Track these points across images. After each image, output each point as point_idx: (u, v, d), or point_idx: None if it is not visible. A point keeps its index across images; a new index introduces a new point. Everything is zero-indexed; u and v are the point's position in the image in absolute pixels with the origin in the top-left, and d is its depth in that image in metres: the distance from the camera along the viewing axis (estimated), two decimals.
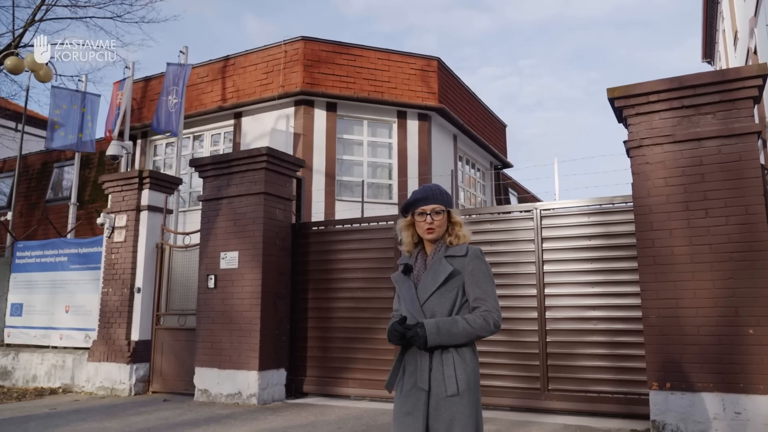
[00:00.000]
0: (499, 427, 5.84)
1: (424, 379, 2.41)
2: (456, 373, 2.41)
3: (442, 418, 2.38)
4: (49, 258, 9.99)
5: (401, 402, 2.49)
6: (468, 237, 2.59)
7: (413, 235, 2.62)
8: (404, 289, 2.56)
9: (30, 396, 8.50)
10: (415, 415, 2.42)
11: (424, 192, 2.57)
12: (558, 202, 6.90)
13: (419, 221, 2.56)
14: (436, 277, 2.48)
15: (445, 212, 2.56)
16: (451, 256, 2.53)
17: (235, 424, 6.14)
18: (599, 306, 6.42)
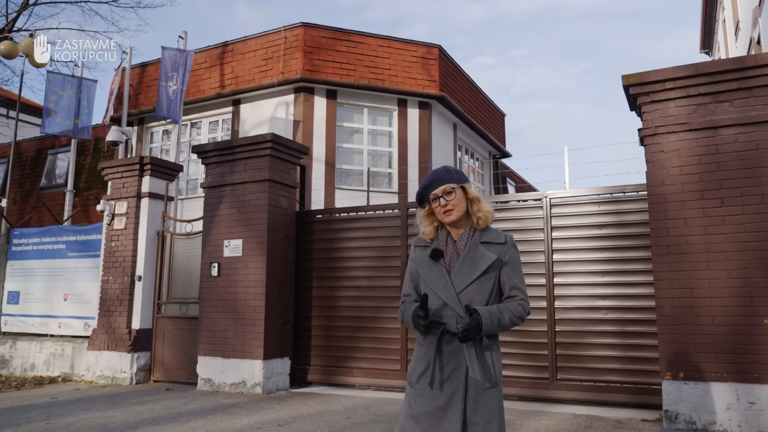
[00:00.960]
0: (509, 417, 5.78)
1: (476, 370, 2.28)
2: (494, 364, 2.36)
3: (481, 411, 2.31)
4: (46, 245, 9.84)
5: (431, 395, 2.33)
6: (492, 214, 2.47)
7: (434, 222, 2.50)
8: (434, 275, 2.40)
9: (29, 385, 8.38)
10: (453, 409, 2.30)
11: (431, 177, 2.48)
12: (568, 190, 6.83)
13: (435, 207, 2.45)
14: (475, 266, 2.37)
15: (458, 189, 2.44)
16: (488, 243, 2.43)
17: (242, 414, 6.07)
18: (609, 295, 6.37)
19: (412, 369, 2.43)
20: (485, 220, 2.45)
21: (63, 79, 12.30)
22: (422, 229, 2.51)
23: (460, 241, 2.45)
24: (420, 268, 2.46)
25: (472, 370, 2.28)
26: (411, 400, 2.39)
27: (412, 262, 2.52)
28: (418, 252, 2.50)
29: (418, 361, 2.40)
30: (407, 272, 2.56)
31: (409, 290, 2.53)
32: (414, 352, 2.47)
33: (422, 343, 2.41)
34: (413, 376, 2.41)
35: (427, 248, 2.47)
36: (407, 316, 2.42)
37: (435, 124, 13.89)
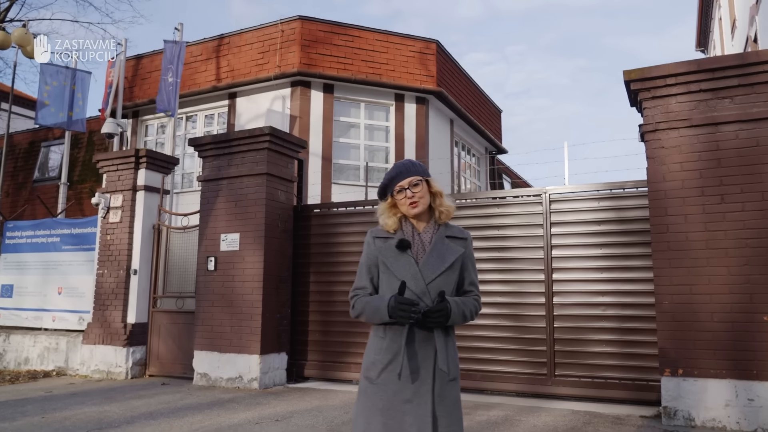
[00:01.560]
0: (507, 413, 5.78)
1: (444, 360, 2.28)
2: (455, 356, 2.40)
3: (446, 403, 2.30)
4: (40, 238, 9.75)
5: (395, 389, 2.27)
6: (454, 209, 2.48)
7: (396, 215, 2.47)
8: (402, 265, 2.35)
9: (23, 379, 8.31)
10: (419, 402, 2.25)
11: (396, 168, 2.46)
12: (567, 186, 6.81)
13: (400, 199, 2.42)
14: (444, 258, 2.38)
15: (424, 182, 2.43)
16: (452, 237, 2.45)
17: (239, 409, 6.03)
18: (608, 292, 6.36)
19: (371, 363, 2.36)
20: (447, 215, 2.46)
21: (57, 70, 12.16)
22: (385, 221, 2.46)
23: (425, 233, 2.45)
24: (385, 259, 2.40)
25: (441, 361, 2.28)
26: (371, 395, 2.32)
27: (373, 252, 2.44)
28: (378, 243, 2.44)
29: (379, 354, 2.34)
30: (362, 263, 2.48)
31: (365, 283, 2.46)
32: (371, 345, 2.40)
33: (383, 336, 2.35)
34: (373, 370, 2.34)
35: (390, 239, 2.42)
36: (377, 308, 2.32)
37: (432, 119, 13.85)
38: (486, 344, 6.79)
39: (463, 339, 6.88)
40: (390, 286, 2.36)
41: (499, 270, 6.87)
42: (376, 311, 2.32)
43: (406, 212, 2.43)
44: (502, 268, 6.86)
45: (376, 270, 2.44)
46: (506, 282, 6.82)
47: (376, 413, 2.28)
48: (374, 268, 2.44)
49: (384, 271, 2.40)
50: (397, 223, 2.44)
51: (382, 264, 2.40)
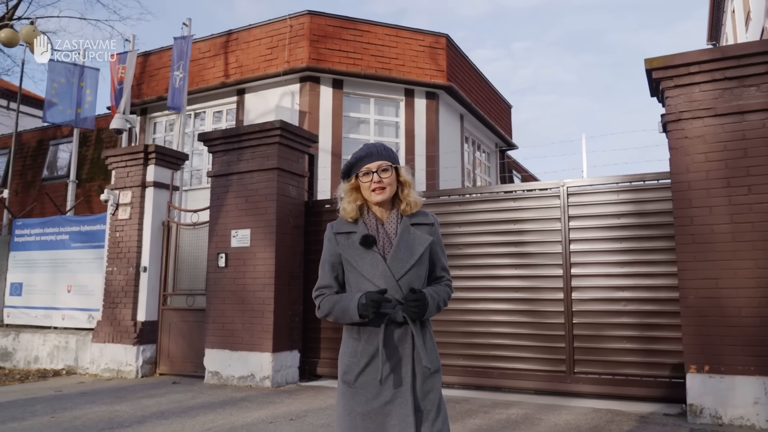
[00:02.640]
0: (527, 411, 5.63)
1: (425, 357, 2.17)
2: (434, 347, 2.28)
3: (430, 398, 2.20)
4: (49, 236, 9.67)
5: (375, 391, 2.16)
6: (420, 203, 2.33)
7: (357, 200, 2.30)
8: (368, 263, 2.21)
9: (33, 378, 8.24)
10: (401, 402, 2.15)
11: (367, 149, 2.29)
12: (585, 179, 6.66)
13: (364, 182, 2.25)
14: (412, 250, 2.24)
15: (393, 169, 2.27)
16: (418, 224, 2.31)
17: (252, 408, 5.91)
18: (628, 287, 6.20)
19: (348, 366, 2.24)
20: (412, 208, 2.31)
21: (64, 67, 12.08)
22: (344, 207, 2.30)
23: (389, 224, 2.29)
24: (349, 257, 2.24)
25: (424, 358, 2.17)
26: (350, 399, 2.21)
27: (335, 249, 2.29)
28: (341, 239, 2.28)
29: (355, 357, 2.22)
30: (325, 261, 2.32)
31: (329, 281, 2.30)
32: (345, 347, 2.28)
33: (357, 337, 2.23)
34: (350, 373, 2.22)
35: (352, 234, 2.27)
36: (345, 307, 2.18)
37: (442, 114, 13.68)
38: (503, 341, 6.64)
39: (480, 336, 6.75)
40: (358, 285, 2.23)
41: (515, 265, 6.72)
42: (345, 311, 2.19)
43: (368, 197, 2.27)
44: (518, 263, 6.71)
45: (340, 267, 2.30)
46: (523, 277, 6.67)
47: (356, 417, 2.18)
48: (338, 265, 2.29)
49: (350, 269, 2.26)
50: (356, 211, 2.29)
51: (347, 262, 2.26)
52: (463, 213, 7.09)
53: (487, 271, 6.84)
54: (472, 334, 6.79)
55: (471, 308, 6.79)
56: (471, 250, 6.94)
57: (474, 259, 6.91)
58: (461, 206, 7.14)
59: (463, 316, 6.81)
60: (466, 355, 6.77)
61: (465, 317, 6.79)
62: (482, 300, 6.79)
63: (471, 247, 6.95)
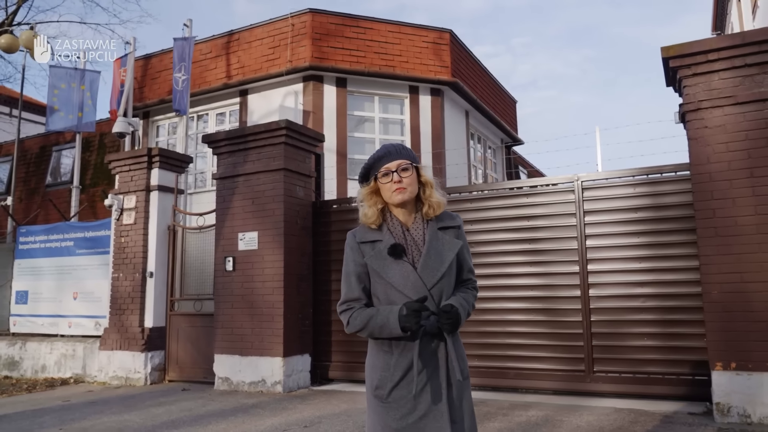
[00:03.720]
0: (547, 413, 5.48)
1: (458, 369, 2.09)
2: (464, 354, 2.22)
3: (465, 407, 2.14)
4: (54, 243, 9.55)
5: (409, 406, 2.06)
6: (444, 203, 2.21)
7: (377, 203, 2.18)
8: (398, 273, 2.09)
9: (41, 387, 8.11)
10: (436, 416, 2.06)
11: (385, 149, 2.19)
12: (600, 172, 6.49)
13: (384, 182, 2.14)
14: (442, 257, 2.14)
15: (413, 169, 2.16)
16: (445, 227, 2.20)
17: (264, 415, 5.77)
18: (648, 282, 6.03)
19: (380, 381, 2.12)
20: (435, 211, 2.19)
21: (65, 72, 11.98)
22: (365, 212, 2.18)
23: (415, 230, 2.18)
24: (377, 267, 2.12)
25: (456, 372, 2.09)
26: (384, 415, 2.10)
27: (360, 260, 2.16)
28: (366, 249, 2.16)
29: (387, 371, 2.11)
30: (349, 272, 2.19)
31: (358, 293, 2.17)
32: (375, 361, 2.16)
33: (389, 350, 2.12)
34: (383, 388, 2.11)
35: (378, 242, 2.15)
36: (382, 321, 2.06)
37: (447, 111, 13.51)
38: (519, 340, 6.48)
39: (495, 336, 6.59)
40: (387, 297, 2.12)
41: (530, 262, 6.56)
42: (384, 326, 2.06)
43: (388, 199, 2.15)
44: (533, 260, 6.55)
45: (366, 278, 2.18)
46: (538, 275, 6.51)
47: None
48: (365, 276, 2.17)
49: (378, 280, 2.14)
50: (378, 216, 2.17)
51: (374, 273, 2.14)
52: (474, 210, 6.93)
53: (501, 269, 6.68)
54: (487, 334, 6.63)
55: (485, 307, 6.63)
56: (484, 248, 6.78)
57: (487, 258, 6.75)
58: (472, 203, 6.98)
59: (478, 316, 6.64)
60: (481, 356, 6.61)
61: (479, 317, 6.63)
62: (497, 299, 6.63)
63: (484, 245, 6.79)
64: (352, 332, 2.18)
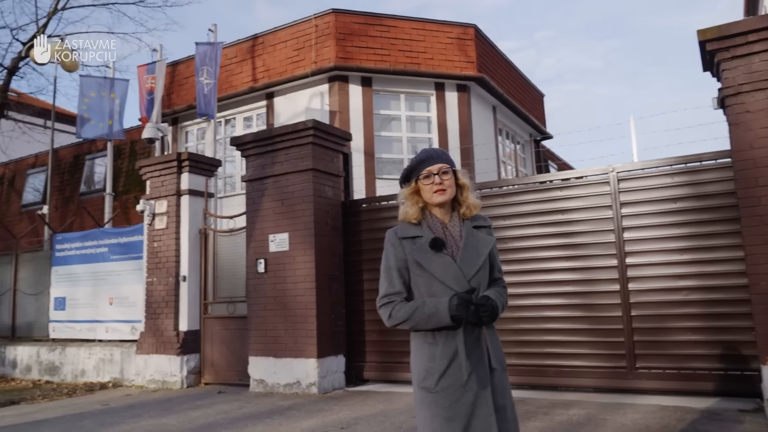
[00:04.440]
0: (589, 411, 5.33)
1: (496, 359, 2.24)
2: (501, 346, 2.34)
3: (506, 395, 2.26)
4: (89, 249, 9.70)
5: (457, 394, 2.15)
6: (479, 204, 2.37)
7: (418, 202, 2.33)
8: (439, 266, 2.22)
9: (80, 391, 8.24)
10: (482, 403, 2.16)
11: (426, 153, 2.36)
12: (636, 163, 6.30)
13: (426, 184, 2.30)
14: (479, 251, 2.30)
15: (452, 172, 2.34)
16: (479, 227, 2.37)
17: (300, 417, 5.73)
18: (690, 275, 5.82)
19: (427, 371, 2.20)
20: (471, 211, 2.36)
21: (95, 81, 12.20)
22: (407, 210, 2.33)
23: (453, 227, 2.34)
24: (420, 260, 2.24)
25: (495, 359, 2.22)
26: (433, 405, 2.18)
27: (401, 255, 2.28)
28: (407, 244, 2.28)
29: (433, 361, 2.20)
30: (390, 267, 2.30)
31: (399, 287, 2.28)
32: (420, 353, 2.25)
33: (433, 341, 2.21)
34: (430, 378, 2.19)
35: (419, 238, 2.28)
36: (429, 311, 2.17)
37: (474, 107, 13.36)
38: (557, 337, 6.33)
39: (532, 333, 6.46)
40: (430, 289, 2.24)
41: (566, 257, 6.40)
42: (432, 316, 2.17)
43: (429, 199, 2.31)
44: (569, 254, 6.39)
45: (407, 273, 2.30)
46: (575, 270, 6.35)
47: (442, 423, 2.16)
48: (405, 270, 2.30)
49: (420, 273, 2.26)
50: (419, 213, 2.32)
51: (416, 265, 2.26)
52: (506, 205, 6.80)
53: (536, 264, 6.54)
54: (523, 332, 6.49)
55: (521, 304, 6.50)
56: (517, 244, 6.64)
57: (521, 253, 6.61)
58: (504, 198, 6.85)
59: (513, 313, 6.52)
60: (518, 354, 6.47)
61: (515, 314, 6.50)
62: (532, 295, 6.49)
63: (517, 240, 6.66)
64: (394, 325, 2.27)
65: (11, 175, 18.77)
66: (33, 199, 17.56)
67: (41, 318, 10.34)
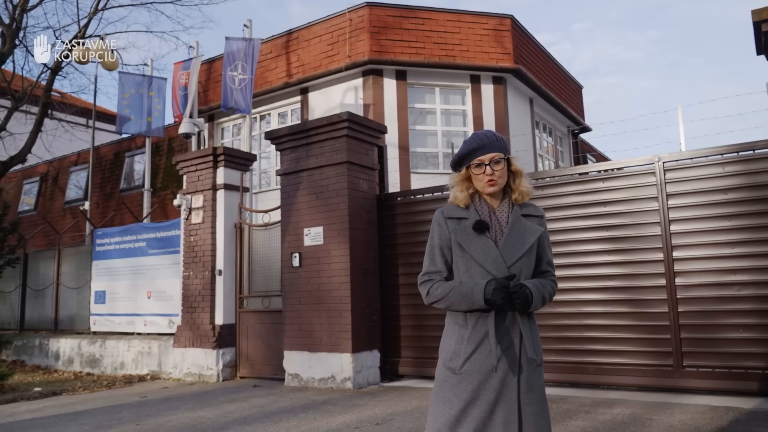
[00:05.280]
0: (634, 410, 5.11)
1: (531, 347, 2.16)
2: (539, 340, 2.26)
3: (535, 390, 2.16)
4: (128, 244, 9.85)
5: (481, 378, 2.12)
6: (532, 191, 2.33)
7: (468, 188, 2.30)
8: (480, 248, 2.19)
9: (119, 384, 8.35)
10: (506, 392, 2.11)
11: (479, 140, 2.27)
12: (684, 152, 6.03)
13: (477, 173, 2.25)
14: (523, 239, 2.23)
15: (505, 160, 2.26)
16: (529, 215, 2.30)
17: (335, 411, 5.67)
18: (742, 269, 5.54)
19: (454, 352, 2.19)
20: (523, 198, 2.30)
21: (133, 78, 12.38)
22: (456, 195, 2.30)
23: (500, 212, 2.28)
24: (462, 241, 2.22)
25: (528, 348, 2.15)
26: (455, 386, 2.15)
27: (445, 234, 2.27)
28: (452, 224, 2.26)
29: (461, 343, 2.18)
30: (434, 245, 2.30)
31: (440, 266, 2.28)
32: (450, 333, 2.24)
33: (464, 323, 2.20)
34: (456, 360, 2.17)
35: (464, 219, 2.25)
36: (465, 291, 2.14)
37: (510, 99, 13.10)
38: (599, 333, 6.12)
39: (573, 329, 6.25)
40: (468, 270, 2.21)
41: (609, 251, 6.18)
42: (466, 296, 2.14)
43: (480, 188, 2.27)
44: (612, 248, 6.16)
45: (449, 252, 2.28)
46: (618, 264, 6.12)
47: (461, 405, 2.12)
48: (447, 250, 2.28)
49: (460, 254, 2.24)
50: (468, 198, 2.29)
51: (457, 246, 2.24)
52: (546, 198, 6.60)
53: (578, 258, 6.33)
54: (564, 327, 6.30)
55: (562, 299, 6.30)
56: (559, 237, 6.44)
57: (563, 246, 6.41)
58: (544, 190, 6.65)
59: (554, 308, 6.33)
60: (558, 350, 6.28)
61: (556, 309, 6.31)
62: (574, 290, 6.29)
63: (558, 233, 6.45)
64: (431, 302, 2.26)
65: (55, 173, 19.27)
66: (75, 196, 17.99)
67: (82, 311, 10.55)
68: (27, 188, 19.99)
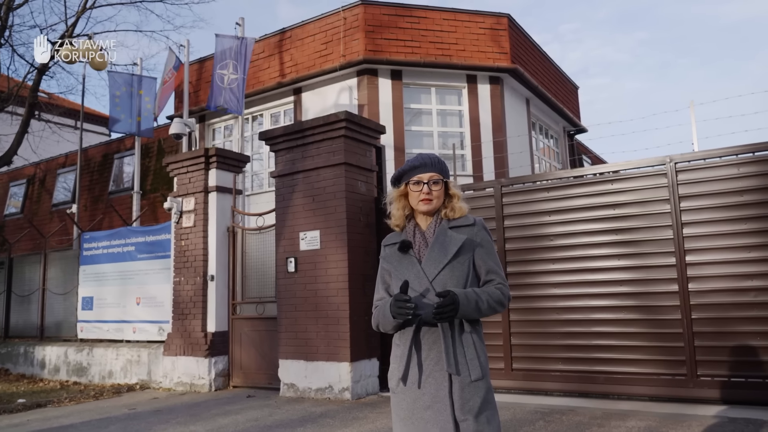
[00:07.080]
0: (649, 423, 4.87)
1: (452, 363, 2.10)
2: (478, 354, 2.17)
3: (470, 406, 2.10)
4: (116, 248, 9.52)
5: (414, 396, 2.13)
6: (466, 211, 2.33)
7: (405, 207, 2.33)
8: (404, 267, 2.24)
9: (107, 393, 8.03)
10: (439, 408, 2.09)
11: (421, 159, 2.33)
12: (696, 152, 5.81)
13: (414, 191, 2.29)
14: (445, 249, 2.22)
15: (443, 183, 2.31)
16: (457, 227, 2.29)
17: (335, 425, 5.39)
18: (759, 274, 5.32)
19: (391, 374, 2.25)
20: (455, 213, 2.31)
21: (122, 77, 12.07)
22: (393, 213, 2.35)
23: (428, 230, 2.31)
24: (390, 264, 2.30)
25: (447, 364, 2.09)
26: (395, 406, 2.21)
27: (382, 261, 2.36)
28: (387, 250, 2.35)
29: (395, 362, 2.23)
30: (378, 277, 2.39)
31: (382, 294, 2.34)
32: (392, 357, 2.28)
33: (399, 343, 2.23)
34: (393, 380, 2.23)
35: (395, 245, 2.31)
36: (384, 312, 2.19)
37: (507, 99, 12.87)
38: (609, 342, 5.88)
39: (582, 336, 6.01)
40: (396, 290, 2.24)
41: (618, 255, 5.94)
42: (386, 316, 2.19)
43: (415, 206, 2.31)
44: (622, 252, 5.93)
45: (389, 279, 2.33)
46: (628, 269, 5.88)
47: (399, 424, 2.18)
48: (387, 276, 2.33)
49: (391, 277, 2.31)
50: (402, 219, 2.33)
51: (387, 271, 2.32)
52: (550, 200, 6.37)
53: (585, 263, 6.09)
54: (571, 335, 6.05)
55: (569, 306, 6.06)
56: (564, 241, 6.21)
57: (568, 251, 6.17)
58: (549, 192, 6.42)
59: (561, 315, 6.09)
60: (566, 359, 6.04)
61: (562, 316, 6.08)
62: (581, 296, 6.05)
63: (564, 237, 6.22)
64: (375, 328, 2.33)
65: (42, 175, 18.86)
66: (63, 198, 17.59)
67: (69, 318, 10.21)
68: (13, 191, 19.55)
